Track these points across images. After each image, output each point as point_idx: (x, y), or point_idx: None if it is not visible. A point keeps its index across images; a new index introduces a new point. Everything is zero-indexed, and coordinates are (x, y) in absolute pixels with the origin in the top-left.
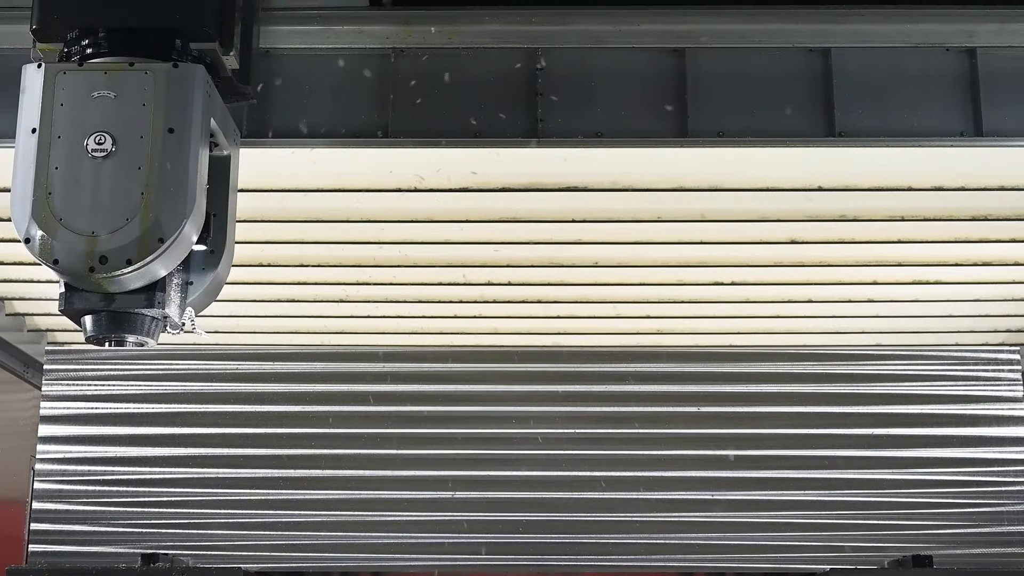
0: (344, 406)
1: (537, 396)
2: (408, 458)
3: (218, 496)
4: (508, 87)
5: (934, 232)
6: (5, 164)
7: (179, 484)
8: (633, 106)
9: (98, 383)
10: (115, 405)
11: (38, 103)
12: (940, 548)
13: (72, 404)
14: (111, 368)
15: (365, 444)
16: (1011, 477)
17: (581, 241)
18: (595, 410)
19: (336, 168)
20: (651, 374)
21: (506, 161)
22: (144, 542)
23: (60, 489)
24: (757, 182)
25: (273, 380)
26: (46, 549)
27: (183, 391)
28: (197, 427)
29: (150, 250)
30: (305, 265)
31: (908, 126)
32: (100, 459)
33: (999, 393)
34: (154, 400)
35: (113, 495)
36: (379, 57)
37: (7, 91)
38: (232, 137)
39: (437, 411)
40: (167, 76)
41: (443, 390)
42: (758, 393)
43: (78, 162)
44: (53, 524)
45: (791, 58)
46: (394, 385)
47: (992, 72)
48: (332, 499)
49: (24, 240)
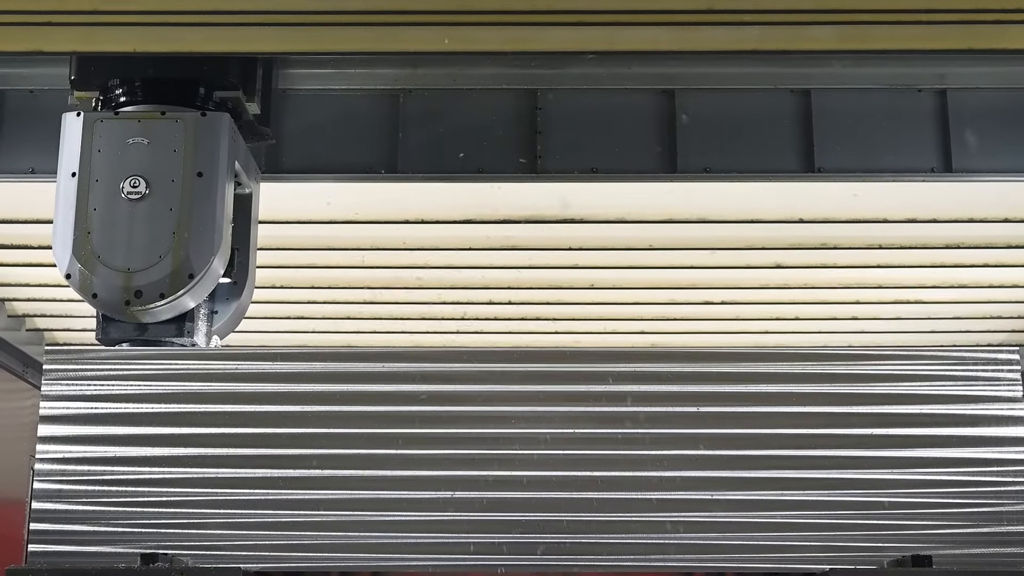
0: (344, 406)
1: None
2: (408, 458)
3: (218, 496)
4: (509, 126)
5: (911, 258)
6: None
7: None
8: (626, 143)
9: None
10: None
11: (78, 149)
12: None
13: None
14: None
15: (365, 444)
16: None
17: (577, 266)
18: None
19: (348, 201)
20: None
21: (507, 194)
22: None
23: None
24: (742, 214)
25: (273, 380)
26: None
27: (183, 391)
28: (197, 427)
29: (181, 285)
30: (317, 287)
31: (882, 162)
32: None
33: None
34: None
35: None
36: (388, 97)
37: (43, 123)
38: (254, 175)
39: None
40: (196, 124)
41: (443, 390)
42: (757, 393)
43: (115, 204)
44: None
45: (773, 99)
46: (394, 385)
47: (961, 111)
48: (332, 499)
49: (65, 276)
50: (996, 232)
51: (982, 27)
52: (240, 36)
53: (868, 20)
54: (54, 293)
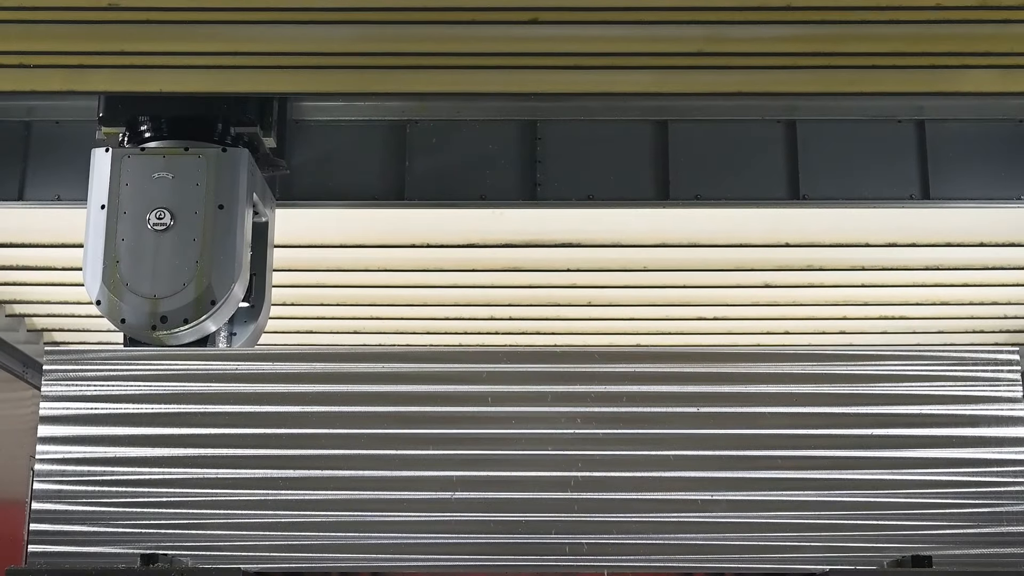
0: (344, 406)
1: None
2: (408, 458)
3: (218, 496)
4: (510, 155)
5: (894, 278)
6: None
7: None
8: (621, 172)
9: (98, 383)
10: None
11: (106, 183)
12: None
13: (71, 404)
14: (111, 368)
15: (365, 444)
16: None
17: (576, 285)
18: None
19: (357, 226)
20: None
21: (508, 220)
22: (144, 542)
23: (59, 489)
24: (731, 238)
25: (273, 380)
26: (46, 549)
27: (183, 391)
28: (197, 427)
29: (204, 310)
30: (325, 303)
31: (864, 190)
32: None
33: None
34: (154, 401)
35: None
36: (395, 128)
37: (68, 153)
38: (269, 203)
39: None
40: (217, 160)
41: (443, 390)
42: (758, 393)
43: (141, 234)
44: (53, 524)
45: (761, 129)
46: (394, 385)
47: (938, 141)
48: (332, 499)
49: (95, 302)
50: (973, 255)
51: (946, 71)
52: (257, 78)
53: (847, 64)
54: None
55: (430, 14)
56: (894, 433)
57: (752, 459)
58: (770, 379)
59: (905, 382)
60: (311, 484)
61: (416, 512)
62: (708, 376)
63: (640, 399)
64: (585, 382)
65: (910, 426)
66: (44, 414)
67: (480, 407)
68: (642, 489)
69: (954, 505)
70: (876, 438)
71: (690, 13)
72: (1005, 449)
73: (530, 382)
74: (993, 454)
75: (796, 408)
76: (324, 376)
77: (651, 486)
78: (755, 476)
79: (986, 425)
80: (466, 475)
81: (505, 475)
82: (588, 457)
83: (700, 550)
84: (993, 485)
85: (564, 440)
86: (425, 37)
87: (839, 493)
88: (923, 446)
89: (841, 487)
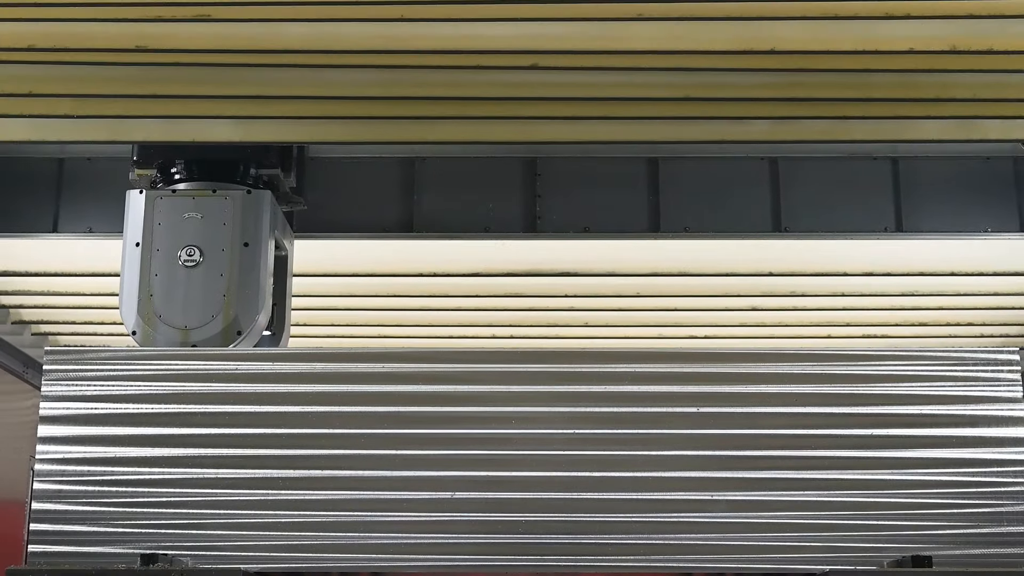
0: (344, 406)
1: (537, 396)
2: (408, 458)
3: (218, 496)
4: (512, 189)
5: (872, 303)
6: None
7: (179, 484)
8: (615, 206)
9: (98, 383)
10: (114, 405)
11: (141, 222)
12: (940, 548)
13: (72, 404)
14: (111, 368)
15: (365, 444)
16: (1011, 478)
17: (573, 308)
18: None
19: (369, 256)
20: (651, 375)
21: (511, 250)
22: (144, 542)
23: (59, 489)
24: (718, 268)
25: (273, 380)
26: (46, 549)
27: (183, 391)
28: (197, 427)
29: (231, 340)
30: (335, 324)
31: (842, 223)
32: (100, 460)
33: (998, 394)
34: (154, 400)
35: (113, 495)
36: (405, 164)
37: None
38: (289, 238)
39: (437, 411)
40: (243, 201)
41: (443, 390)
42: (758, 394)
43: (173, 270)
44: (53, 524)
45: (746, 166)
46: (394, 385)
47: (911, 177)
48: (332, 499)
49: (131, 333)
50: (945, 283)
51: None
52: (279, 128)
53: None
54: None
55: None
56: (894, 433)
57: (752, 459)
58: (770, 379)
59: (905, 382)
60: (311, 484)
61: (416, 512)
62: (708, 376)
63: (640, 399)
64: (585, 382)
65: (910, 426)
66: (44, 414)
67: (480, 407)
68: (642, 489)
69: (954, 505)
70: (876, 438)
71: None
72: (1005, 449)
73: (530, 382)
74: (993, 454)
75: (796, 408)
76: (324, 376)
77: (651, 486)
78: (755, 476)
79: (986, 425)
80: (466, 475)
81: (505, 475)
82: (588, 457)
83: (700, 550)
84: (993, 485)
85: (564, 440)
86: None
87: (839, 493)
88: (923, 446)
89: (841, 487)
